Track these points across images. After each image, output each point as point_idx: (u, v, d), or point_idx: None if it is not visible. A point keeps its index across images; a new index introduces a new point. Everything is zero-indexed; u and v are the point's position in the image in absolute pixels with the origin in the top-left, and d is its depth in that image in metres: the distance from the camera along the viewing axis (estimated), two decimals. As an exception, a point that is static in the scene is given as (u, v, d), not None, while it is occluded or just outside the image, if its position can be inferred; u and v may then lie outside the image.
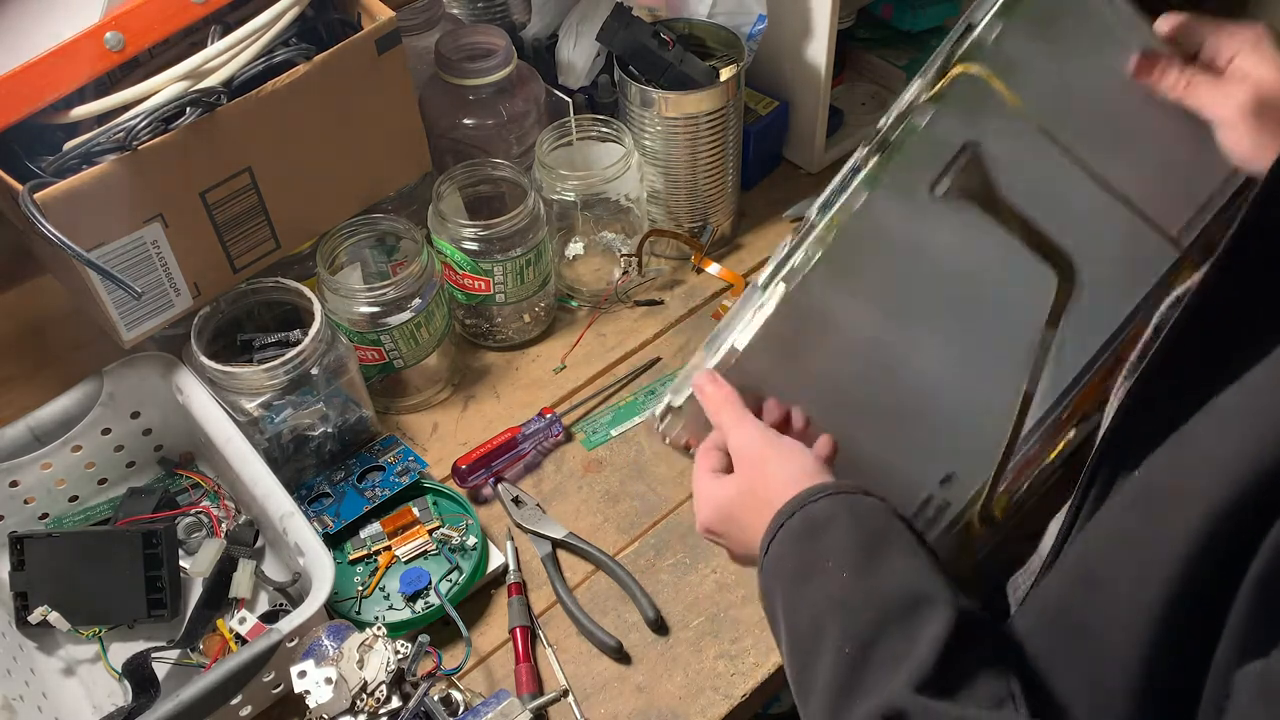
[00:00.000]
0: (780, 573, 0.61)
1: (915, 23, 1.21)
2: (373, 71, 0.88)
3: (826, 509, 0.60)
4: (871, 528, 0.59)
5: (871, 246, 0.73)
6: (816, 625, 0.57)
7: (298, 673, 0.69)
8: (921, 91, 0.72)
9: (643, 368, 1.02)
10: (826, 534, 0.59)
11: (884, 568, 0.57)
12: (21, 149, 0.79)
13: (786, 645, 0.60)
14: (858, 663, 0.54)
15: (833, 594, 0.57)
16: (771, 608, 0.62)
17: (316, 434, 0.90)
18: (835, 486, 0.62)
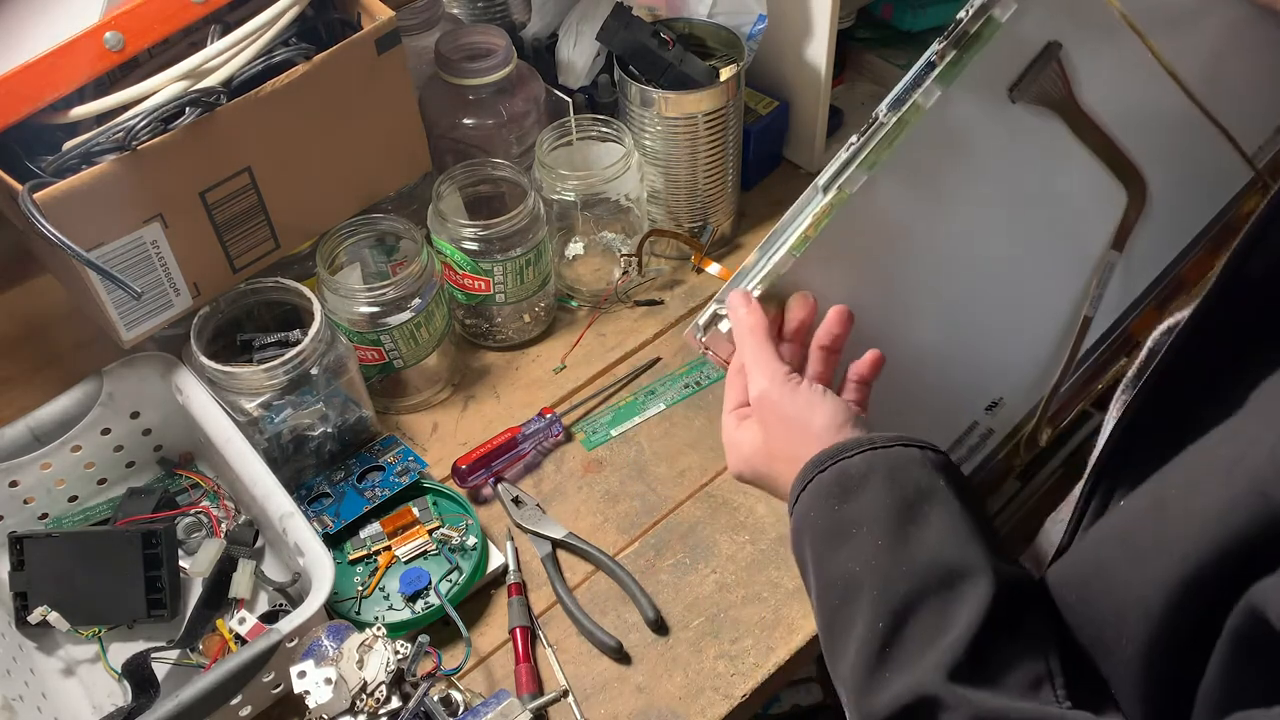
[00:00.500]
0: (810, 528, 0.59)
1: (915, 23, 1.21)
2: (373, 71, 0.88)
3: (861, 464, 0.58)
4: (908, 489, 0.57)
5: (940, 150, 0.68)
6: (848, 593, 0.55)
7: (297, 673, 0.69)
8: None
9: (643, 368, 1.02)
10: (861, 493, 0.57)
11: (920, 536, 0.55)
12: (21, 149, 0.79)
13: (817, 602, 0.58)
14: (890, 639, 0.53)
15: (867, 562, 0.55)
16: (801, 558, 0.60)
17: (316, 434, 0.90)
18: (871, 440, 0.59)
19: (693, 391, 1.00)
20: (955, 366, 0.73)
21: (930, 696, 0.50)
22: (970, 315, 0.72)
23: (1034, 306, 0.73)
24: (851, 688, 0.54)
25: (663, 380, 1.01)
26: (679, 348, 1.04)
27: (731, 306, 0.67)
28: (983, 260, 0.72)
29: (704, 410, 0.98)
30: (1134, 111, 0.71)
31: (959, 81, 0.66)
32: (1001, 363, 0.73)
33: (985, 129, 0.68)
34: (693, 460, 0.94)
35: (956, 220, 0.70)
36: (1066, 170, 0.71)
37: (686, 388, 1.00)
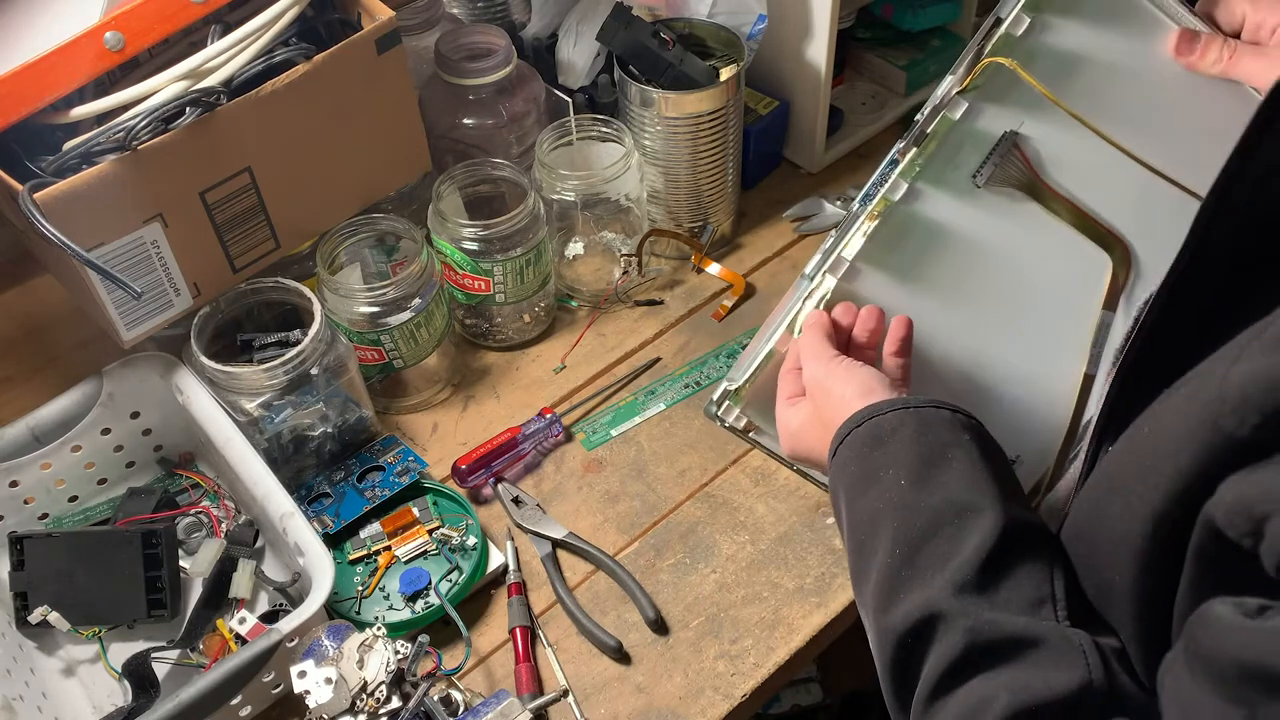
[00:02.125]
0: (844, 476, 0.65)
1: (915, 23, 1.21)
2: (373, 71, 0.88)
3: (894, 420, 0.64)
4: (935, 440, 0.62)
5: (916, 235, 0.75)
6: (873, 527, 0.61)
7: (298, 673, 0.69)
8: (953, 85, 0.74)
9: (643, 368, 1.02)
10: (891, 442, 0.63)
11: (941, 478, 0.60)
12: (21, 149, 0.79)
13: (848, 543, 0.64)
14: (906, 563, 0.58)
15: (891, 499, 0.61)
16: (836, 508, 0.66)
17: (316, 434, 0.90)
18: (905, 401, 0.65)
19: (693, 391, 1.00)
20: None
21: (937, 610, 0.55)
22: (977, 380, 0.77)
23: (1036, 369, 0.77)
24: (872, 609, 0.60)
25: (663, 380, 1.01)
26: (679, 347, 1.04)
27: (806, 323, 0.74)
28: (979, 329, 0.77)
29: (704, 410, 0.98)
30: (1102, 184, 0.77)
31: (922, 175, 0.74)
32: (1014, 423, 0.77)
33: (959, 213, 0.75)
34: (693, 460, 0.94)
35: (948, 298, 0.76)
36: (1047, 242, 0.76)
37: (686, 388, 1.00)
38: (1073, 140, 0.75)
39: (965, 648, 0.53)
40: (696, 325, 1.06)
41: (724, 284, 1.09)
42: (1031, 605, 0.55)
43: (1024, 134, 0.75)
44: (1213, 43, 0.73)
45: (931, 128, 0.74)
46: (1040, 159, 0.75)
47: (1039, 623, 0.54)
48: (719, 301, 1.07)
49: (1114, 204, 0.76)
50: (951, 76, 0.74)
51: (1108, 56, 0.75)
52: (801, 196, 1.16)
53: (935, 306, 0.76)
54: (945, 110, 0.74)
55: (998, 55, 0.73)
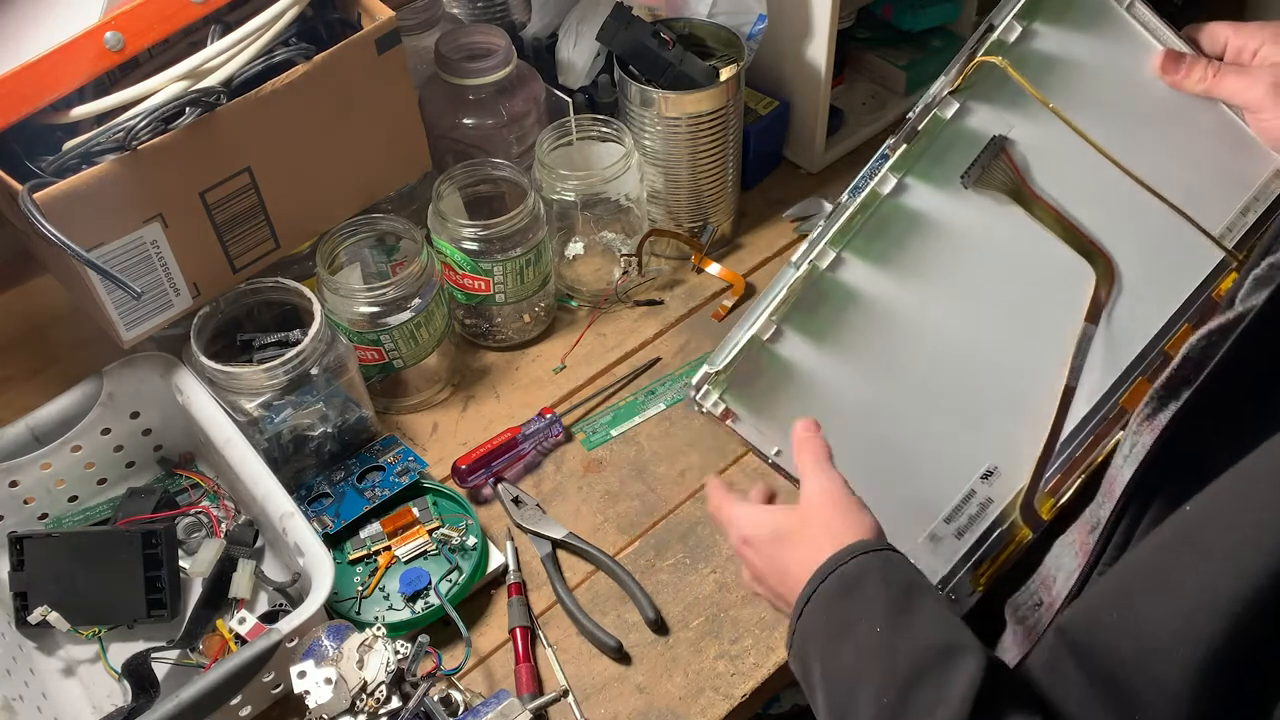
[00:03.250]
0: (815, 633, 0.62)
1: (915, 23, 1.21)
2: (373, 71, 0.88)
3: (856, 569, 0.62)
4: (901, 581, 0.61)
5: (902, 230, 0.75)
6: (853, 677, 0.59)
7: (297, 673, 0.69)
8: (946, 86, 0.74)
9: (643, 368, 1.02)
10: (859, 591, 0.61)
11: (916, 620, 0.59)
12: (21, 149, 0.79)
13: (823, 699, 0.61)
14: (896, 712, 0.56)
15: (869, 646, 0.59)
16: (805, 666, 0.63)
17: (316, 434, 0.90)
18: (863, 546, 0.63)
19: (693, 391, 1.00)
20: (944, 435, 0.77)
21: None
22: (953, 384, 0.77)
23: (1015, 376, 0.77)
24: None
25: (663, 380, 1.01)
26: (679, 347, 1.04)
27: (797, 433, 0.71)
28: (961, 334, 0.77)
29: (704, 410, 0.98)
30: (1089, 196, 0.77)
31: (912, 171, 0.75)
32: (991, 432, 0.77)
33: (946, 212, 0.76)
34: (693, 460, 0.94)
35: (930, 296, 0.76)
36: (1031, 249, 0.77)
37: (686, 388, 1.00)
38: (1061, 149, 0.76)
39: None
40: (696, 325, 1.06)
41: (724, 284, 1.09)
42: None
43: (1013, 139, 0.75)
44: (1197, 63, 0.74)
45: (923, 125, 0.74)
46: (1028, 165, 0.76)
47: None
48: (719, 301, 1.07)
49: (1099, 216, 0.77)
50: (944, 77, 0.75)
51: (1095, 70, 0.76)
52: (801, 196, 1.16)
53: (918, 303, 0.76)
54: (936, 109, 0.74)
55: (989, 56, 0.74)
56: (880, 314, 0.76)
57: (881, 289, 0.76)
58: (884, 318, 0.76)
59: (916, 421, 0.76)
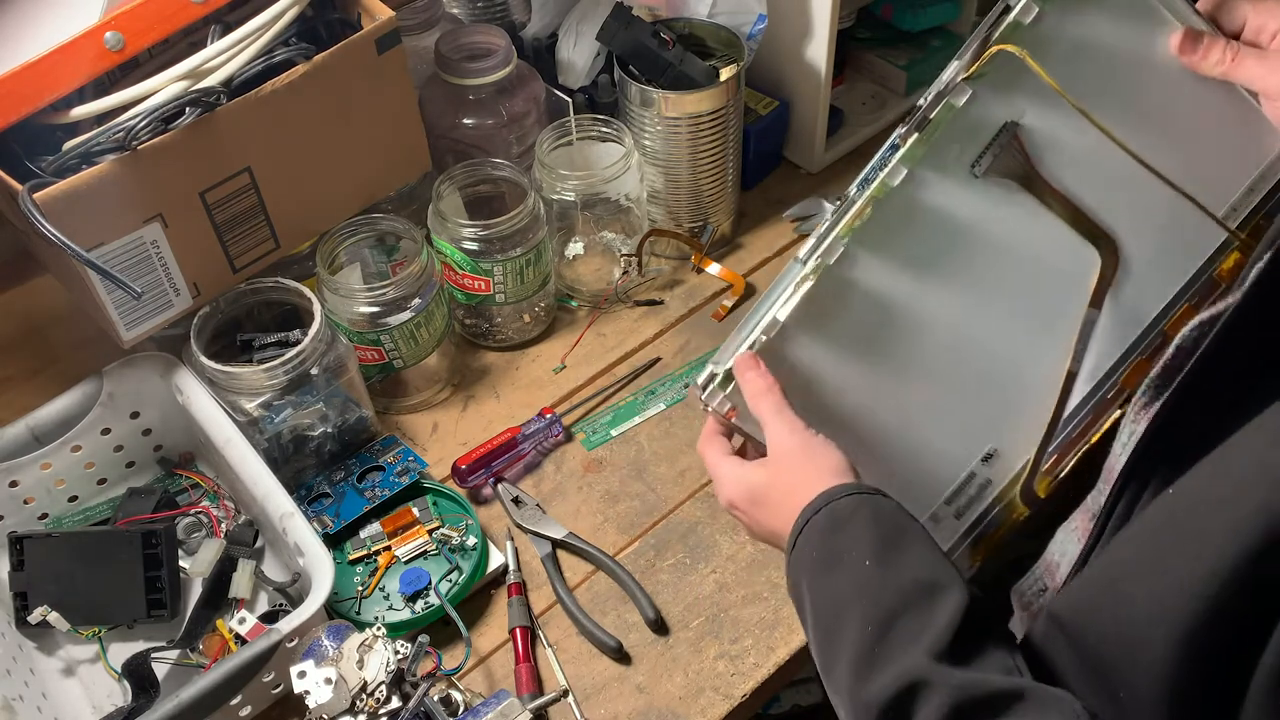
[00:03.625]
0: (806, 562, 0.64)
1: (915, 23, 1.21)
2: (373, 71, 0.88)
3: (849, 505, 0.64)
4: (889, 523, 0.63)
5: (911, 222, 0.74)
6: (840, 607, 0.61)
7: (297, 673, 0.69)
8: (959, 72, 0.73)
9: (643, 368, 1.02)
10: (850, 526, 0.63)
11: (902, 558, 0.61)
12: (21, 149, 0.79)
13: (812, 626, 0.64)
14: (879, 639, 0.58)
15: (856, 579, 0.61)
16: (798, 594, 0.66)
17: (316, 434, 0.90)
18: (857, 486, 0.65)
19: (693, 391, 1.00)
20: (947, 420, 0.77)
21: (918, 679, 0.55)
22: (957, 372, 0.77)
23: (1019, 362, 0.77)
24: (845, 688, 0.60)
25: (663, 380, 1.01)
26: (679, 348, 1.04)
27: (740, 371, 0.72)
28: (966, 320, 0.76)
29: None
30: (1097, 180, 0.76)
31: (923, 161, 0.73)
32: (993, 416, 0.77)
33: (955, 202, 0.75)
34: (693, 460, 0.94)
35: (936, 284, 0.76)
36: (1038, 235, 0.76)
37: (686, 387, 1.00)
38: (1073, 134, 0.75)
39: (953, 707, 0.54)
40: (696, 325, 1.06)
41: (724, 284, 1.09)
42: (1004, 672, 0.56)
43: (1025, 125, 0.74)
44: (1215, 44, 0.72)
45: (935, 114, 0.73)
46: (1039, 151, 0.75)
47: (1019, 679, 0.55)
48: (719, 301, 1.07)
49: (1108, 200, 0.76)
50: (957, 62, 0.74)
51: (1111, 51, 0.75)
52: (801, 196, 1.16)
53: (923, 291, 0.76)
54: (949, 97, 0.73)
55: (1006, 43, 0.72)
56: (885, 303, 0.75)
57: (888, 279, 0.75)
58: (889, 306, 0.75)
59: (920, 407, 0.76)
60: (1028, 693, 0.53)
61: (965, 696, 0.54)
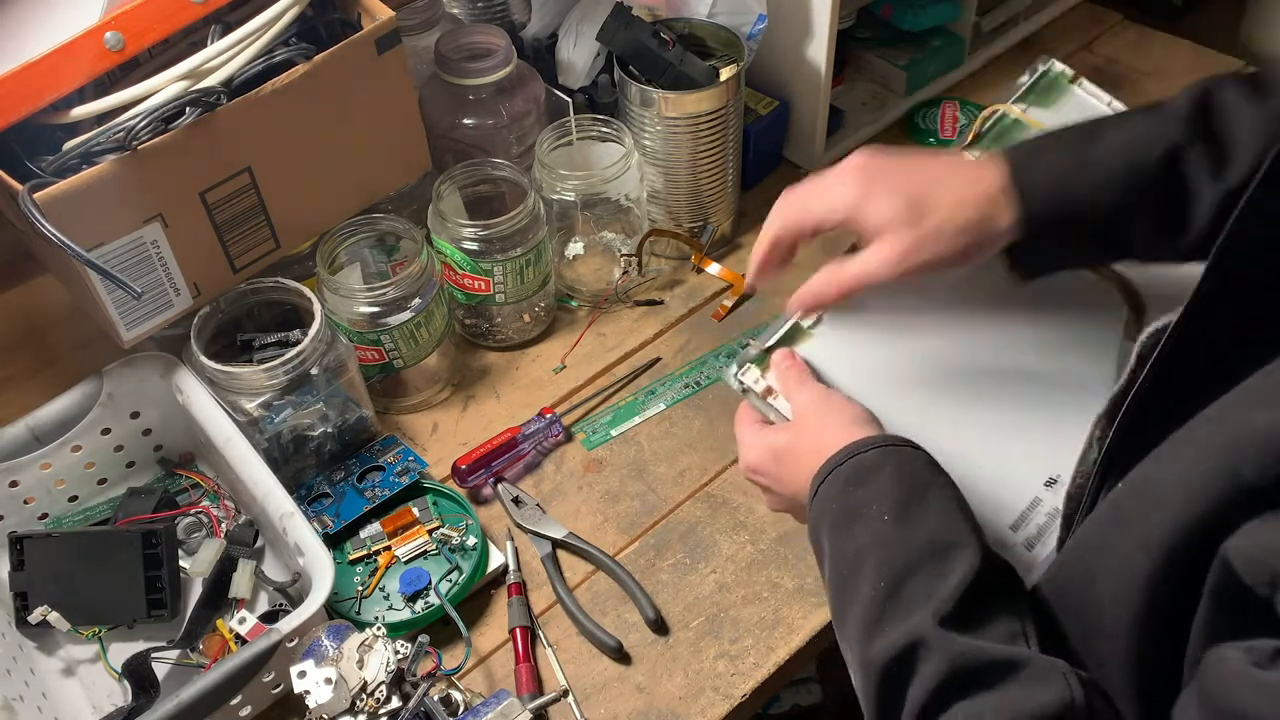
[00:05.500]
0: (828, 511, 0.65)
1: (915, 23, 1.21)
2: (373, 71, 0.88)
3: (875, 458, 0.65)
4: (914, 479, 0.64)
5: None
6: (857, 561, 0.62)
7: (297, 673, 0.69)
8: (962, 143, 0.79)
9: (643, 368, 1.02)
10: (873, 480, 0.64)
11: (921, 515, 0.62)
12: (21, 149, 0.79)
13: (829, 576, 0.65)
14: (890, 596, 0.59)
15: (874, 535, 0.62)
16: (817, 542, 0.67)
17: (316, 434, 0.90)
18: (885, 439, 0.66)
19: (693, 391, 1.00)
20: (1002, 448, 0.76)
21: (920, 639, 0.56)
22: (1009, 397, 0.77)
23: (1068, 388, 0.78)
24: (855, 640, 0.61)
25: (663, 380, 1.01)
26: (679, 348, 1.04)
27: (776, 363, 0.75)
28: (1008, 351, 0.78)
29: (704, 410, 0.98)
30: None
31: None
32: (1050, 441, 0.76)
33: None
34: (693, 460, 0.94)
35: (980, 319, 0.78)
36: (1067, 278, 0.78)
37: (686, 388, 1.00)
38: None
39: (949, 672, 0.55)
40: (696, 325, 1.06)
41: (724, 284, 1.09)
42: (1008, 638, 0.57)
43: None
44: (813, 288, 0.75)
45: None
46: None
47: (1018, 649, 0.56)
48: (719, 301, 1.07)
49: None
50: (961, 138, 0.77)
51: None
52: (801, 196, 1.16)
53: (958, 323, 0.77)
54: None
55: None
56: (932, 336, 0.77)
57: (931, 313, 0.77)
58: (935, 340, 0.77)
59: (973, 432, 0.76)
60: (1025, 664, 0.54)
61: (961, 664, 0.55)
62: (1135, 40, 1.32)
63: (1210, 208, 0.67)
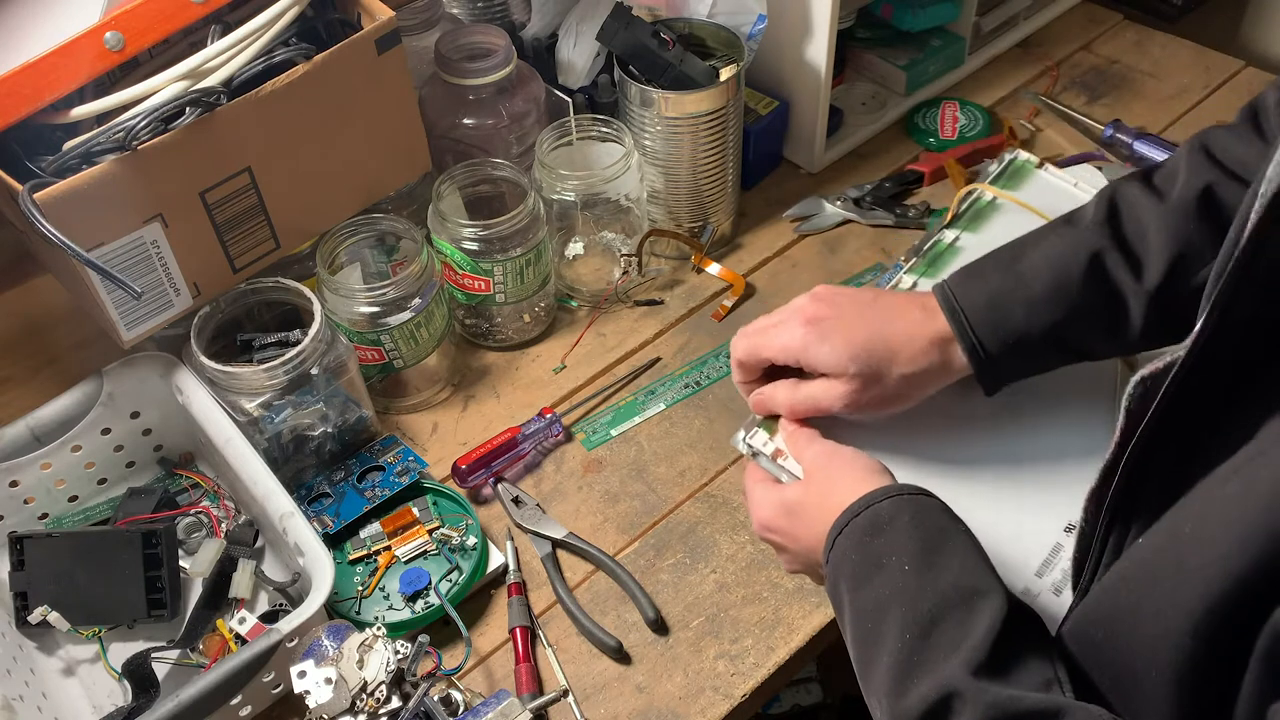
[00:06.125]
0: (846, 564, 0.64)
1: (915, 23, 1.21)
2: (373, 71, 0.88)
3: (891, 508, 0.64)
4: (932, 527, 0.63)
5: None
6: (880, 613, 0.61)
7: (298, 673, 0.69)
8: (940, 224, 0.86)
9: (643, 368, 1.02)
10: (891, 530, 0.63)
11: (942, 563, 0.61)
12: (21, 149, 0.79)
13: (851, 630, 0.63)
14: (918, 647, 0.58)
15: (895, 586, 0.61)
16: (836, 596, 0.65)
17: (316, 434, 0.90)
18: (899, 488, 0.65)
19: (693, 391, 1.00)
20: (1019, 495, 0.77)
21: (954, 690, 0.55)
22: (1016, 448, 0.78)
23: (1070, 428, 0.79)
24: (884, 694, 0.59)
25: (663, 380, 1.01)
26: (679, 348, 1.04)
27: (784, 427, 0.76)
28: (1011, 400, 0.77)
29: (704, 410, 0.98)
30: None
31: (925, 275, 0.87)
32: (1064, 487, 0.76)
33: None
34: (693, 460, 0.94)
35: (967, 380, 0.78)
36: None
37: (686, 388, 1.00)
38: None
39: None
40: (696, 325, 1.06)
41: (724, 284, 1.09)
42: (1041, 686, 0.56)
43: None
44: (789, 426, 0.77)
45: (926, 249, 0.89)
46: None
47: (1054, 696, 0.55)
48: (719, 301, 1.07)
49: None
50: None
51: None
52: (801, 196, 1.16)
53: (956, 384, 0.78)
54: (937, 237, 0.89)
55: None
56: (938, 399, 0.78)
57: None
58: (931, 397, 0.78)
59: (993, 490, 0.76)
60: (1064, 712, 0.53)
61: (998, 715, 0.53)
62: (1135, 40, 1.32)
63: (1140, 309, 0.71)
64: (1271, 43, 1.38)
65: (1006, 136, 1.19)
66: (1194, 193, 0.71)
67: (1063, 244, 0.73)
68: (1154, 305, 0.71)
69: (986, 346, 0.72)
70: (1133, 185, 0.74)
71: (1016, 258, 0.74)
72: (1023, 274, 0.73)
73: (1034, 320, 0.72)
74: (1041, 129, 1.22)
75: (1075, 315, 0.72)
